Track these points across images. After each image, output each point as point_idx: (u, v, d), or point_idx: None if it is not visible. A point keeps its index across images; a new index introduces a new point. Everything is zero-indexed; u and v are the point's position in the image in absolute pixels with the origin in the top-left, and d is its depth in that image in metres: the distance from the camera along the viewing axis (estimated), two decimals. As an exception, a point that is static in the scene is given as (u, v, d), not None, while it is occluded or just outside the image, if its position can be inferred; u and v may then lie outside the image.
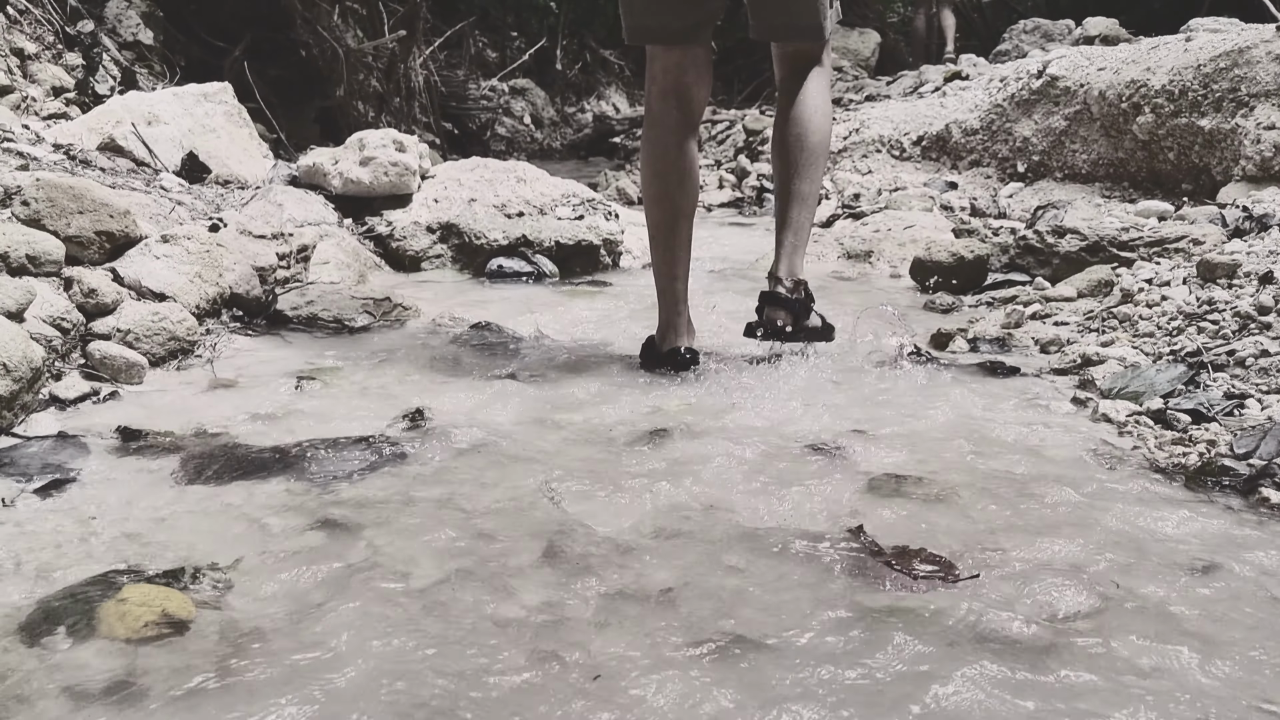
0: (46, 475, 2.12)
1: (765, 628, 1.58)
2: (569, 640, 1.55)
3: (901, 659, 1.50)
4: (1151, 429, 2.45)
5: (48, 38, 5.71)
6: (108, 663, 1.47)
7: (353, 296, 3.47)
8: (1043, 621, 1.60)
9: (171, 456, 2.25)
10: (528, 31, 13.88)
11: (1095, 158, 5.59)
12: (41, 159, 3.89)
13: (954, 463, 2.27)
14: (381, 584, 1.70)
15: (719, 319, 3.37)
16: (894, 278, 4.57)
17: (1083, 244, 4.00)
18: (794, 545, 1.85)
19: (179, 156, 4.54)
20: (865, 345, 3.19)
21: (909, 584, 1.73)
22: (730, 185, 7.32)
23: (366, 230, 4.54)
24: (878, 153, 6.85)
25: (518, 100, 11.99)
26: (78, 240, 2.99)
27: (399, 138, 4.76)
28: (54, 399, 2.51)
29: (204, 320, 3.09)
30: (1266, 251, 3.37)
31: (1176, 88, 5.08)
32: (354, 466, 2.21)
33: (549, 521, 1.95)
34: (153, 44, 6.54)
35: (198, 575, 1.73)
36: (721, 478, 2.16)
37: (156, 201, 3.75)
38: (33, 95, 5.23)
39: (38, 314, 2.61)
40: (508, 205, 4.76)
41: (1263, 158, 4.60)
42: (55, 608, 1.61)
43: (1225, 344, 2.82)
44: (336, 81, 7.68)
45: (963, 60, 8.65)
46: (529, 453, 2.31)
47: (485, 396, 2.69)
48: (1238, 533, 1.92)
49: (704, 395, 2.74)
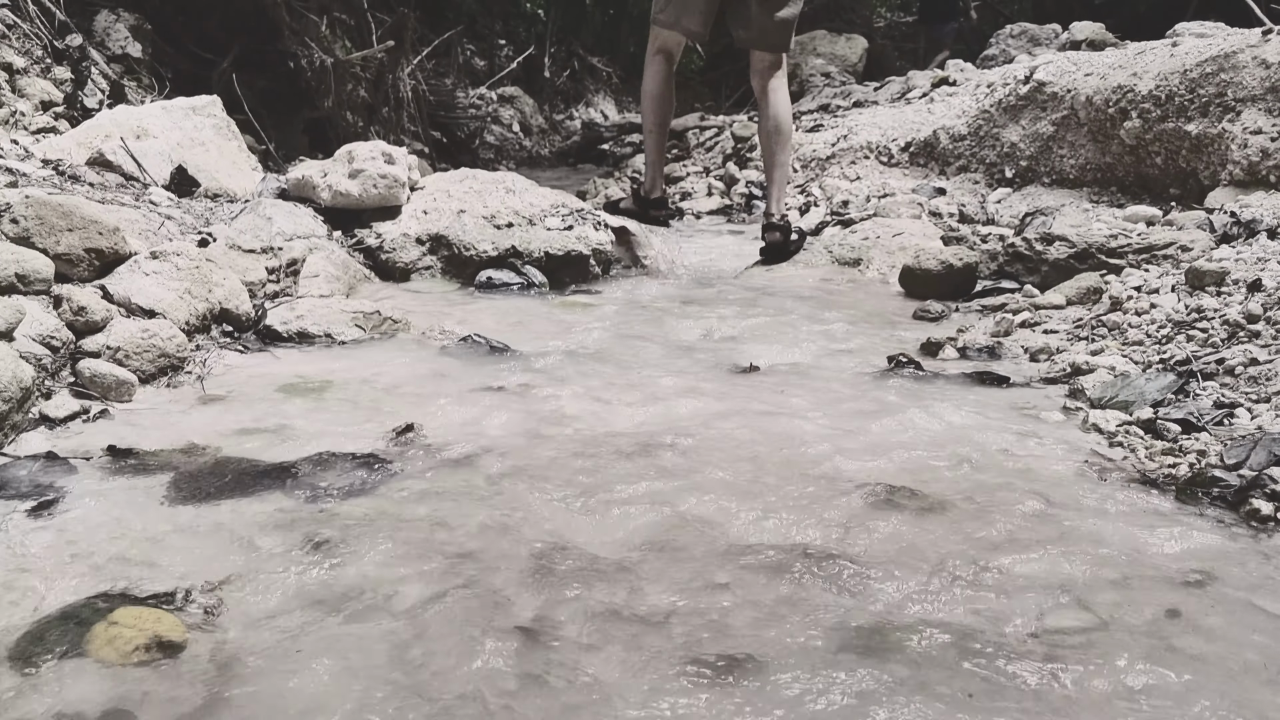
0: (36, 496, 2.11)
1: (756, 647, 1.58)
2: (559, 661, 1.54)
3: (891, 678, 1.50)
4: (1142, 439, 2.46)
5: (36, 52, 5.69)
6: (99, 687, 1.47)
7: (342, 310, 3.46)
8: (1032, 638, 1.61)
9: (162, 475, 2.24)
10: (516, 39, 13.89)
11: (1083, 163, 5.60)
12: (30, 175, 3.88)
13: (944, 474, 2.27)
14: (371, 604, 1.70)
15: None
16: (883, 285, 4.57)
17: (1071, 251, 4.01)
18: (785, 560, 1.85)
19: (168, 170, 4.52)
20: (856, 355, 3.20)
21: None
22: (719, 193, 7.31)
23: (356, 243, 4.53)
24: (866, 159, 6.86)
25: (506, 108, 11.99)
26: (67, 258, 2.98)
27: (388, 149, 4.75)
28: (44, 418, 2.50)
29: (194, 336, 3.08)
30: (1254, 258, 3.39)
31: (1163, 93, 5.09)
32: (344, 483, 2.20)
33: (539, 538, 1.95)
34: (141, 57, 6.52)
35: (189, 597, 1.72)
36: (713, 490, 2.16)
37: (146, 217, 3.74)
38: (21, 110, 5.21)
39: (27, 333, 2.60)
40: (497, 216, 4.76)
41: (1250, 162, 4.62)
42: (45, 631, 1.61)
43: (1214, 352, 2.84)
44: (325, 92, 7.67)
45: (950, 66, 8.67)
46: (519, 466, 2.31)
47: (475, 409, 2.69)
48: (1228, 546, 1.92)
49: (697, 406, 2.74)
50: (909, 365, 3.08)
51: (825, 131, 7.54)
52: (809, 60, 10.20)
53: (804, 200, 6.37)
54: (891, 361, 3.11)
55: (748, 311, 3.89)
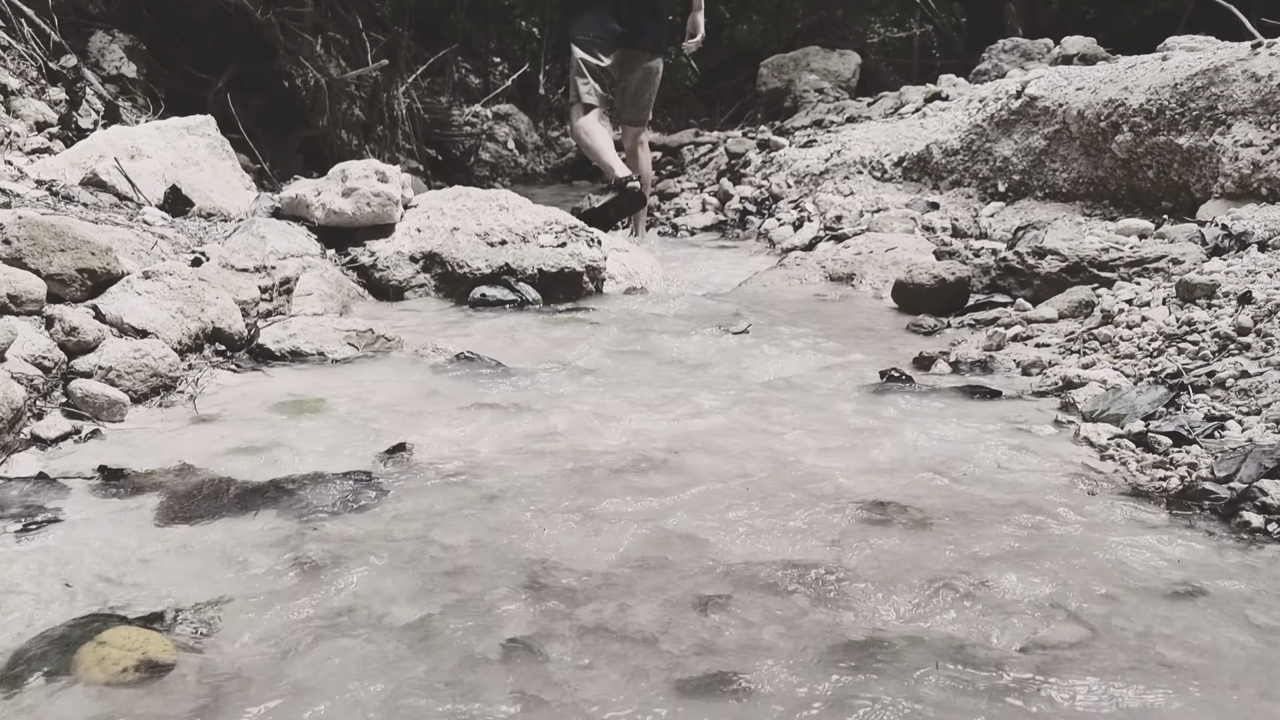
0: (27, 517, 2.10)
1: (745, 664, 1.58)
2: (549, 678, 1.54)
3: (882, 693, 1.50)
4: (1133, 452, 2.46)
5: (30, 73, 5.71)
6: (87, 709, 1.46)
7: (335, 328, 3.46)
8: (1024, 653, 1.60)
9: (153, 495, 2.24)
10: (510, 57, 13.93)
11: (1075, 176, 5.61)
12: (24, 195, 3.89)
13: (937, 488, 2.27)
14: (362, 624, 1.70)
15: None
16: (876, 299, 4.58)
17: (1063, 265, 4.02)
18: (775, 576, 1.85)
19: (162, 190, 4.54)
20: (849, 370, 3.20)
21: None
22: (713, 209, 7.33)
23: (349, 261, 4.54)
24: (859, 174, 6.87)
25: (501, 125, 12.00)
26: (59, 278, 2.99)
27: (381, 168, 4.76)
28: (35, 438, 2.50)
29: (186, 356, 3.08)
30: (1245, 271, 3.40)
31: (1154, 106, 5.11)
32: (336, 502, 2.20)
33: (530, 556, 1.95)
34: (136, 77, 6.54)
35: (179, 617, 1.72)
36: (704, 506, 2.16)
37: (139, 236, 3.75)
38: (16, 130, 5.23)
39: (19, 353, 2.60)
40: (490, 233, 4.77)
41: (1241, 175, 4.63)
42: (33, 652, 1.60)
43: (1205, 365, 2.84)
44: (320, 111, 7.69)
45: (942, 80, 8.69)
46: (510, 484, 2.31)
47: (467, 427, 2.69)
48: (1219, 559, 1.92)
49: (688, 422, 2.74)
50: (901, 380, 3.09)
51: (818, 147, 7.57)
52: (802, 76, 10.21)
53: (797, 216, 6.39)
54: (884, 376, 3.12)
55: (740, 327, 3.90)
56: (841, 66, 10.51)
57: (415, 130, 9.23)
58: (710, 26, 7.06)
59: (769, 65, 10.80)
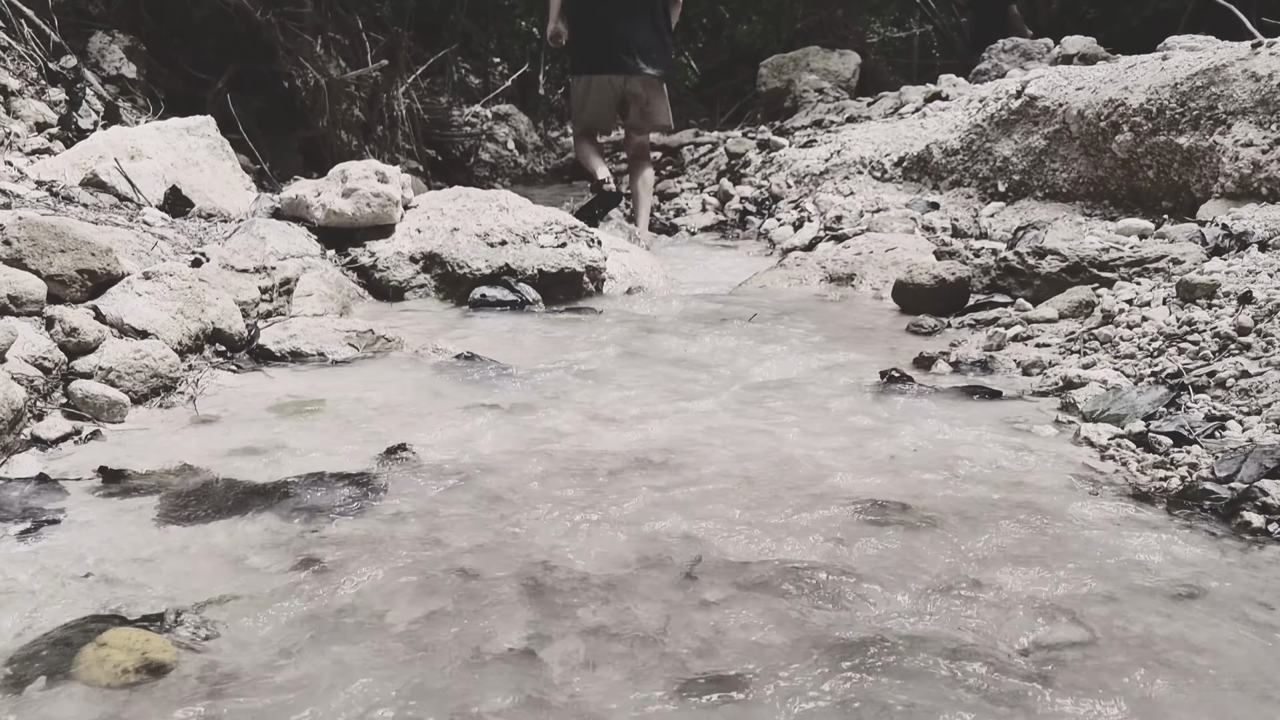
0: (27, 518, 2.10)
1: (745, 664, 1.58)
2: (550, 679, 1.54)
3: (882, 694, 1.49)
4: (1133, 452, 2.46)
5: (30, 73, 5.71)
6: (87, 710, 1.46)
7: (335, 329, 3.46)
8: (1024, 653, 1.60)
9: (153, 496, 2.23)
10: (510, 57, 13.93)
11: (1075, 176, 5.61)
12: (24, 196, 3.89)
13: (938, 489, 2.27)
14: (363, 625, 1.70)
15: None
16: (877, 300, 4.58)
17: (1063, 265, 4.02)
18: (775, 576, 1.85)
19: (162, 190, 4.53)
20: (849, 370, 3.20)
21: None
22: (713, 209, 7.33)
23: (349, 261, 4.54)
24: (859, 174, 6.87)
25: (501, 126, 12.00)
26: (59, 279, 2.99)
27: (381, 168, 4.76)
28: (36, 439, 2.50)
29: (186, 356, 3.08)
30: (1245, 271, 3.40)
31: (1154, 106, 5.11)
32: (336, 503, 2.20)
33: (531, 557, 1.95)
34: (136, 78, 6.54)
35: (180, 618, 1.72)
36: (704, 507, 2.16)
37: (139, 237, 3.75)
38: (16, 131, 5.22)
39: (19, 354, 2.60)
40: (490, 234, 4.77)
41: (1241, 174, 4.63)
42: (34, 653, 1.60)
43: (1205, 365, 2.84)
44: (320, 112, 7.68)
45: (942, 80, 8.68)
46: (511, 485, 2.31)
47: (467, 428, 2.69)
48: (1220, 558, 1.92)
49: (689, 423, 2.74)
50: (902, 380, 3.09)
51: (818, 147, 7.56)
52: (802, 76, 10.20)
53: (797, 216, 6.39)
54: (884, 376, 3.12)
55: (740, 327, 3.90)
56: (841, 66, 10.50)
57: (415, 130, 9.23)
58: (710, 26, 7.12)
59: (769, 65, 10.79)
